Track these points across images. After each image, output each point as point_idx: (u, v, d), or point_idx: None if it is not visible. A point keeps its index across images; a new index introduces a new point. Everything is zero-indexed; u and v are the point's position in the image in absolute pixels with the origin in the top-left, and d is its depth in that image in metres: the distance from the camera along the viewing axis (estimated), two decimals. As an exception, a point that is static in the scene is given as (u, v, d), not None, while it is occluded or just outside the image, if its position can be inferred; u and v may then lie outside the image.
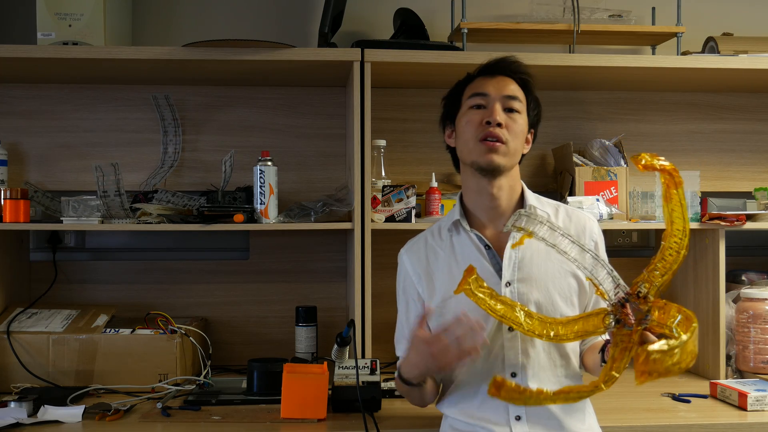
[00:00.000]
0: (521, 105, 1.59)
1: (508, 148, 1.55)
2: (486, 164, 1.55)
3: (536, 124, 1.67)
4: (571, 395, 1.33)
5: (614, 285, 1.35)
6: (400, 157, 2.46)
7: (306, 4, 2.51)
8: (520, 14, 2.46)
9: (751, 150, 2.62)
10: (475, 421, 1.55)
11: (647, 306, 1.31)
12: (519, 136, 1.57)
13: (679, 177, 1.35)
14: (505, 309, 1.40)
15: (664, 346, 1.23)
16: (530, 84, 1.63)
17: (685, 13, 2.41)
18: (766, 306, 2.11)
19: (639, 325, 1.30)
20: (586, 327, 1.38)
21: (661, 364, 1.23)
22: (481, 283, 1.41)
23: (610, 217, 2.20)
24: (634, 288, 1.34)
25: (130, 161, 2.37)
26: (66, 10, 2.12)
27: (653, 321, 1.30)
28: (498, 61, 1.63)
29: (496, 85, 1.58)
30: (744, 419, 1.78)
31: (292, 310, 2.31)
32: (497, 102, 1.56)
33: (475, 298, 1.40)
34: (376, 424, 1.67)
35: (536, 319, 1.41)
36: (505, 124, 1.55)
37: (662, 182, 1.36)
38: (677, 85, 2.50)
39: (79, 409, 1.78)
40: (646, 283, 1.33)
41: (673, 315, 1.29)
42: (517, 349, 1.52)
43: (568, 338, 1.40)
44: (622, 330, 1.32)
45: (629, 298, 1.33)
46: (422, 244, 1.68)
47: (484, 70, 1.63)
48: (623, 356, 1.30)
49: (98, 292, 2.40)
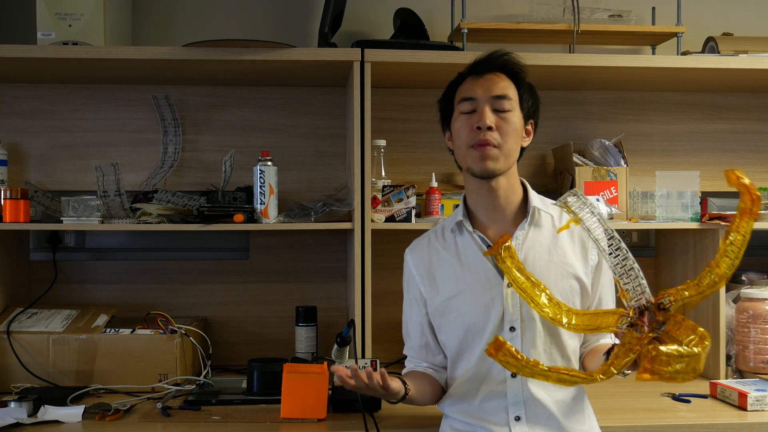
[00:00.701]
0: (512, 102, 1.56)
1: (501, 150, 1.53)
2: (480, 171, 1.54)
3: (534, 114, 1.63)
4: (565, 376, 1.32)
5: (640, 291, 1.33)
6: (400, 157, 2.46)
7: (306, 4, 2.51)
8: (520, 14, 2.45)
9: (751, 150, 2.62)
10: (474, 421, 1.55)
11: (664, 318, 1.30)
12: (512, 135, 1.55)
13: (758, 209, 1.30)
14: (527, 284, 1.40)
15: (675, 352, 1.22)
16: (521, 75, 1.60)
17: (685, 13, 2.41)
18: (766, 306, 2.11)
19: (651, 332, 1.30)
20: (599, 322, 1.37)
21: (667, 367, 1.22)
22: (512, 253, 1.42)
23: (610, 217, 2.20)
24: (658, 298, 1.32)
25: (130, 161, 2.37)
26: (66, 10, 2.11)
27: (665, 332, 1.29)
28: (485, 59, 1.60)
29: (484, 86, 1.56)
30: (744, 419, 1.78)
31: (292, 310, 2.31)
32: (486, 104, 1.54)
33: (502, 265, 1.42)
34: (376, 424, 1.67)
35: (555, 303, 1.40)
36: (496, 126, 1.53)
37: (740, 206, 1.30)
38: (677, 85, 2.50)
39: (79, 409, 1.78)
40: (671, 297, 1.31)
41: (687, 333, 1.27)
42: (518, 349, 1.52)
43: (579, 329, 1.39)
44: (633, 333, 1.31)
45: (650, 307, 1.32)
46: (425, 244, 1.68)
47: (473, 69, 1.61)
48: (626, 356, 1.30)
49: (98, 292, 2.40)
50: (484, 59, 1.60)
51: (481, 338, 1.54)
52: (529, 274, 1.43)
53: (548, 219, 1.60)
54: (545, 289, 1.42)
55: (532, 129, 1.63)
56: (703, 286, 1.31)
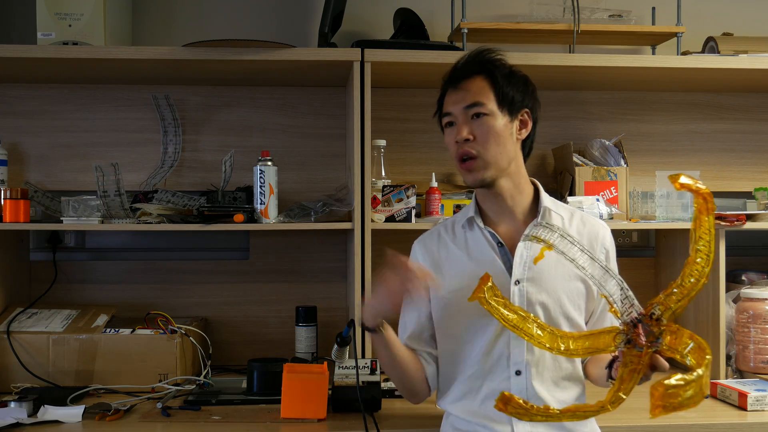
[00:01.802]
0: (486, 106, 1.53)
1: (484, 159, 1.53)
2: (470, 183, 1.57)
3: (525, 103, 1.58)
4: (578, 414, 1.33)
5: (629, 304, 1.33)
6: (400, 157, 2.46)
7: (306, 4, 2.51)
8: (520, 14, 2.45)
9: (751, 150, 2.62)
10: (476, 419, 1.55)
11: (659, 329, 1.30)
12: (492, 139, 1.53)
13: (713, 204, 1.31)
14: (517, 319, 1.39)
15: (681, 381, 1.22)
16: (495, 72, 1.56)
17: (685, 13, 2.41)
18: (766, 306, 2.11)
19: (650, 348, 1.30)
20: (596, 344, 1.37)
21: (676, 399, 1.23)
22: (495, 292, 1.41)
23: (610, 217, 2.20)
24: (648, 309, 1.32)
25: (130, 161, 2.36)
26: (66, 10, 2.12)
27: (664, 345, 1.30)
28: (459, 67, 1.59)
29: (455, 99, 1.56)
30: (744, 419, 1.78)
31: (292, 310, 2.31)
32: (460, 116, 1.55)
33: (488, 307, 1.40)
34: (376, 424, 1.67)
35: (548, 332, 1.40)
36: (473, 135, 1.53)
37: (695, 207, 1.32)
38: (677, 85, 2.50)
39: (79, 409, 1.78)
40: (660, 306, 1.31)
41: (685, 342, 1.28)
42: (522, 348, 1.52)
43: (578, 353, 1.39)
44: (632, 351, 1.31)
45: (642, 319, 1.32)
46: (435, 237, 1.68)
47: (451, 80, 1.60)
48: (631, 377, 1.30)
49: (98, 292, 2.40)
50: (459, 67, 1.59)
51: (484, 335, 1.54)
52: (516, 308, 1.41)
53: (558, 220, 1.60)
54: (536, 319, 1.41)
55: (529, 117, 1.60)
56: (687, 288, 1.31)
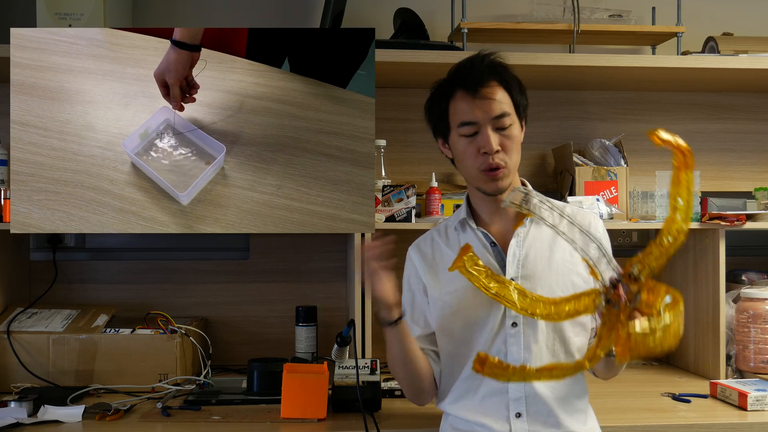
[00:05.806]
0: (511, 116, 1.53)
1: (509, 167, 1.53)
2: (492, 191, 1.55)
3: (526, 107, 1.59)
4: (555, 372, 1.34)
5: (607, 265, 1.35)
6: (400, 157, 2.46)
7: (306, 4, 2.51)
8: (520, 14, 2.45)
9: (751, 150, 2.62)
10: (475, 418, 1.54)
11: (638, 287, 1.31)
12: (515, 148, 1.54)
13: (692, 160, 1.30)
14: (498, 287, 1.39)
15: (646, 329, 1.23)
16: (509, 78, 1.55)
17: (685, 13, 2.41)
18: (766, 306, 2.11)
19: (628, 305, 1.31)
20: (577, 306, 1.37)
21: (644, 345, 1.24)
22: (476, 261, 1.40)
23: (610, 217, 2.20)
24: (626, 269, 1.33)
25: (130, 161, 2.36)
26: (66, 10, 2.12)
27: (642, 302, 1.30)
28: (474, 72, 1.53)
29: (483, 108, 1.51)
30: (744, 419, 1.78)
31: (292, 310, 2.31)
32: (487, 127, 1.51)
33: (468, 275, 1.39)
34: (376, 424, 1.67)
35: (529, 298, 1.39)
36: (501, 146, 1.52)
37: (674, 164, 1.31)
38: (677, 84, 2.50)
39: (79, 409, 1.78)
40: (639, 264, 1.32)
41: (662, 296, 1.28)
42: (519, 345, 1.52)
43: (560, 317, 1.38)
44: (612, 310, 1.32)
45: (621, 279, 1.33)
46: (429, 241, 1.69)
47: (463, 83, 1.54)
48: (609, 335, 1.31)
49: (98, 292, 2.40)
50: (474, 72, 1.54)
51: (482, 333, 1.54)
52: (497, 276, 1.40)
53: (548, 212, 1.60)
54: (517, 286, 1.40)
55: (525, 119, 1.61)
56: (666, 246, 1.31)
